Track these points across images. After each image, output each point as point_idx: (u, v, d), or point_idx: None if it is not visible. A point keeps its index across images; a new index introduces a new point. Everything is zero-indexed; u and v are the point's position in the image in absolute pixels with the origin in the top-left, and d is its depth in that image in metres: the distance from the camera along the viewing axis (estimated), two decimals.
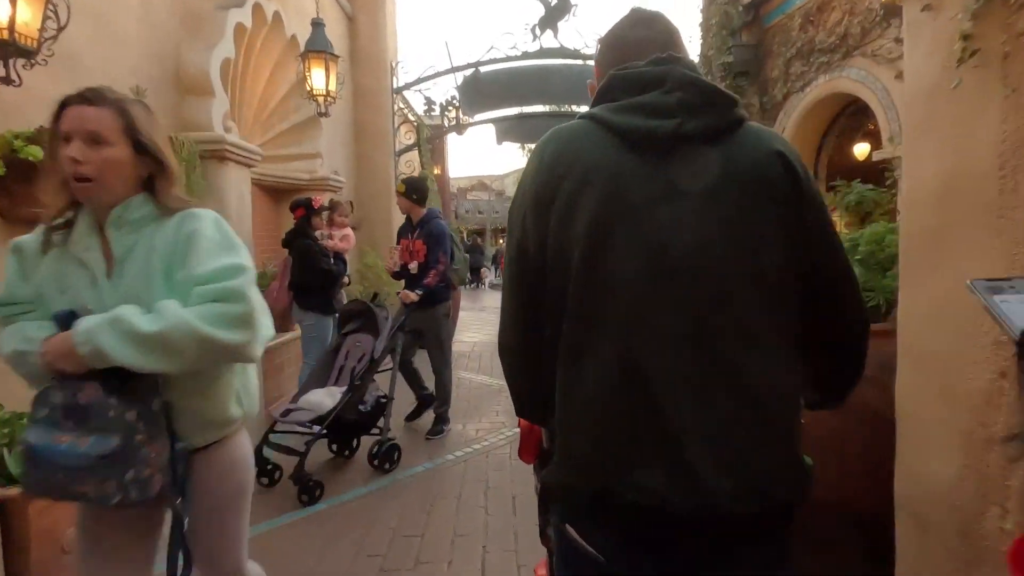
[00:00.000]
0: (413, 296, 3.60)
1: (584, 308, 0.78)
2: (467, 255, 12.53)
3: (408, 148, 7.43)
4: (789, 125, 6.24)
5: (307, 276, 3.69)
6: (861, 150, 6.24)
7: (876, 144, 5.37)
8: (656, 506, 0.73)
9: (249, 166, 3.67)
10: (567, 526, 0.83)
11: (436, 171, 14.31)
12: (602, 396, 0.76)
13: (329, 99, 4.32)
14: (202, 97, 3.35)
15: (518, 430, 1.25)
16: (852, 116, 6.09)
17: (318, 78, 4.21)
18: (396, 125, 7.28)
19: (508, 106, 7.27)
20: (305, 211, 3.76)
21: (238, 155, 3.47)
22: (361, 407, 3.18)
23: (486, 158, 43.58)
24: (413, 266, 3.77)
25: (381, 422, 3.25)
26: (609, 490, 0.75)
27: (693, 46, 7.66)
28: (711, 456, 0.72)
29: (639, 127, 0.79)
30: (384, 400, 3.32)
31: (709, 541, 0.75)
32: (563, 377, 0.81)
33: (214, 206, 1.38)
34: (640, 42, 0.88)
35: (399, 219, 8.26)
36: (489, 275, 19.20)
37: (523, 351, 0.89)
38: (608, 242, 0.77)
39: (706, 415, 0.73)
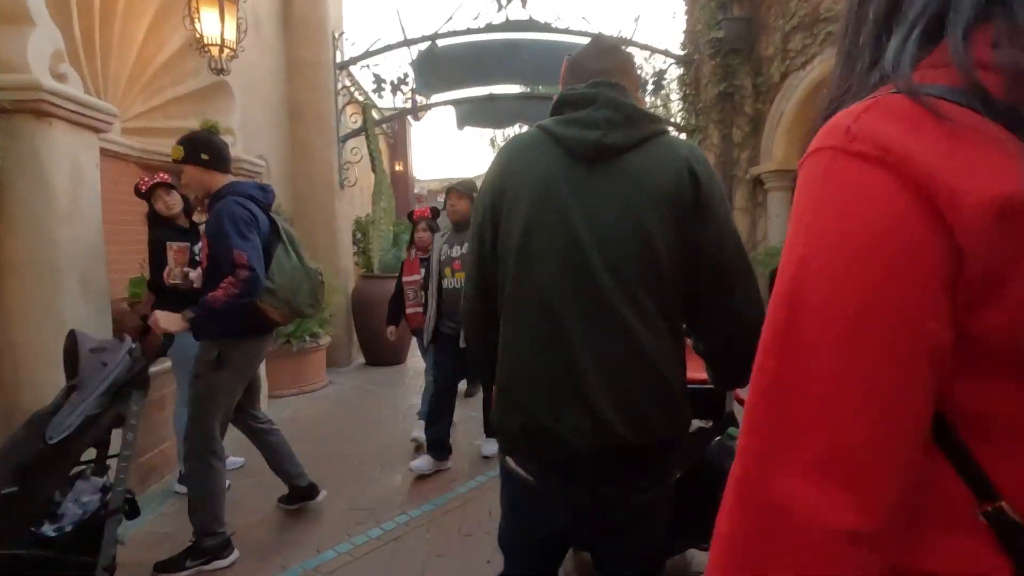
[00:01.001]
0: (172, 322, 2.10)
1: (518, 287, 1.02)
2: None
3: (355, 133, 6.43)
4: (788, 110, 5.49)
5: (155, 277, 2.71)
6: None
7: None
8: (569, 435, 0.96)
9: (96, 130, 2.65)
10: (506, 457, 1.09)
11: (398, 167, 13.31)
12: (532, 353, 1.01)
13: (227, 52, 3.32)
14: (13, 25, 2.33)
15: None
16: None
17: (210, 23, 3.21)
18: (340, 106, 6.28)
19: (470, 86, 6.34)
20: (137, 194, 2.78)
21: (72, 112, 2.45)
22: (47, 528, 1.64)
23: (458, 158, 42.61)
24: (195, 276, 2.54)
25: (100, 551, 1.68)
26: (537, 425, 0.99)
27: (679, 22, 6.91)
28: (609, 396, 0.95)
29: (573, 136, 1.00)
30: (106, 512, 1.72)
31: (605, 463, 0.97)
32: (504, 339, 1.06)
33: (22, 179, 0.65)
34: (596, 72, 1.07)
35: (347, 218, 7.30)
36: None
37: (480, 315, 1.14)
38: (537, 235, 1.00)
39: (606, 365, 0.96)
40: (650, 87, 6.63)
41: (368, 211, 7.18)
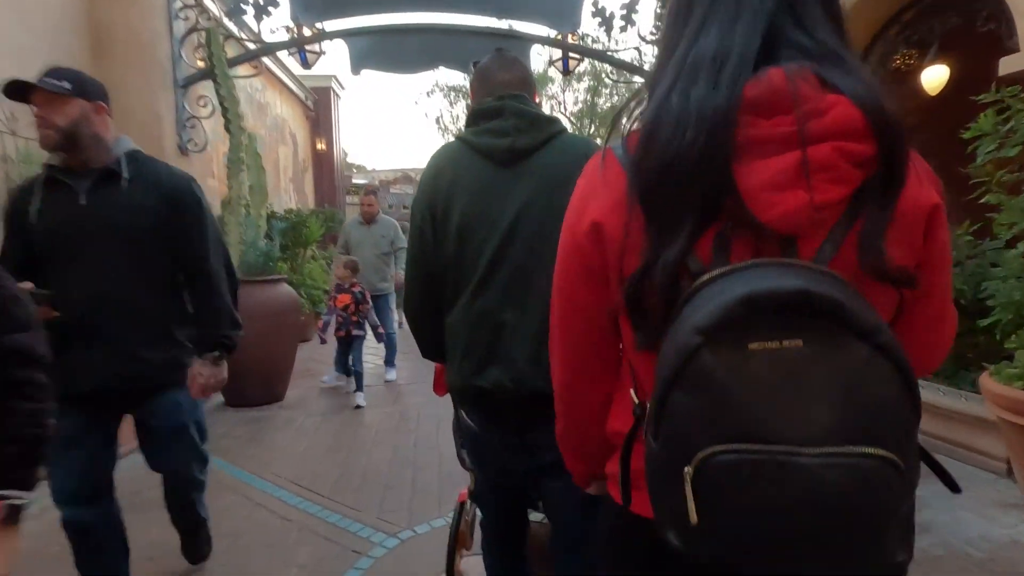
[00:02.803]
0: None
1: (457, 276, 1.22)
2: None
3: (201, 76, 4.50)
4: None
5: None
6: (935, 77, 4.03)
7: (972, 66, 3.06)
8: (498, 389, 1.17)
9: None
10: (460, 411, 1.33)
11: (319, 146, 11.31)
12: (470, 328, 1.21)
13: None
14: None
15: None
16: (918, 18, 3.90)
17: None
18: (180, 35, 4.36)
19: (370, 12, 4.53)
20: None
21: None
22: None
23: (416, 146, 40.36)
24: None
25: None
26: (468, 383, 1.21)
27: None
28: (526, 353, 1.15)
29: (489, 144, 1.22)
30: None
31: (527, 411, 1.15)
32: (448, 320, 1.25)
33: None
34: (500, 82, 1.29)
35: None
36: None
37: (423, 310, 1.31)
38: (470, 228, 1.19)
39: (526, 329, 1.16)
40: (618, 23, 4.95)
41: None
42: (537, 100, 1.32)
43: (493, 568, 1.45)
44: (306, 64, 4.81)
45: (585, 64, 18.36)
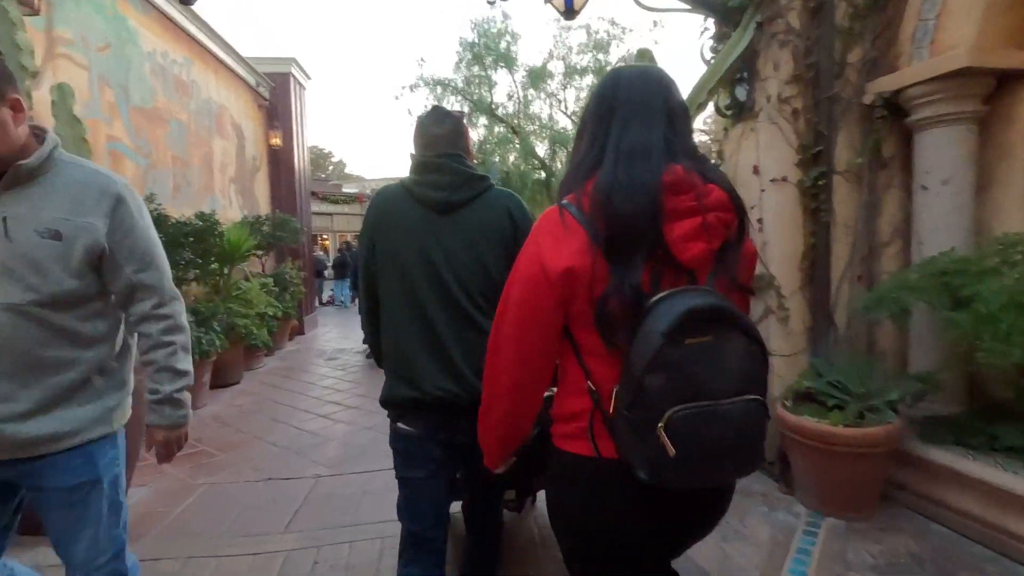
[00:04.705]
0: None
1: (401, 300, 1.45)
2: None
3: None
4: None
5: None
6: None
7: None
8: (448, 398, 1.41)
9: None
10: (397, 423, 1.52)
11: (273, 140, 9.64)
12: (414, 346, 1.44)
13: None
14: None
15: None
16: None
17: None
18: None
19: None
20: None
21: None
22: None
23: (398, 150, 38.81)
24: None
25: None
26: (425, 395, 1.43)
27: None
28: (469, 366, 1.41)
29: (428, 196, 1.45)
30: None
31: (469, 416, 1.23)
32: (392, 338, 1.48)
33: None
34: (436, 136, 1.51)
35: None
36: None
37: (370, 322, 1.57)
38: (409, 263, 1.44)
39: (464, 346, 1.42)
40: None
41: None
42: (471, 151, 1.59)
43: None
44: None
45: (586, 60, 16.92)
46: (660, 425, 0.82)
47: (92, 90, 4.71)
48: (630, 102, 0.98)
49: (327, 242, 19.38)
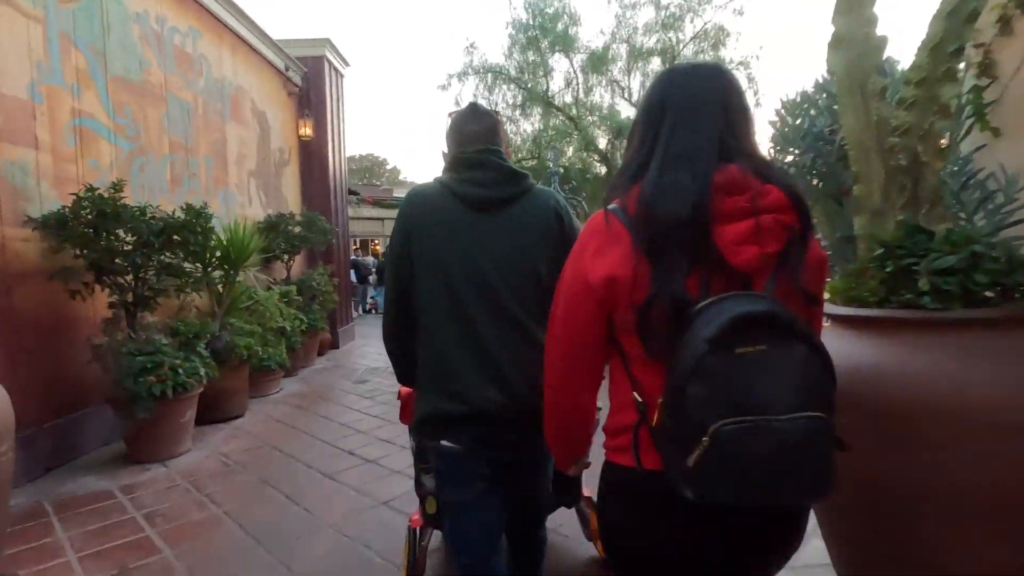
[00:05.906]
0: None
1: (443, 304, 1.36)
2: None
3: None
4: None
5: None
6: None
7: None
8: (496, 410, 1.32)
9: None
10: (441, 442, 1.39)
11: (303, 131, 8.69)
12: (457, 353, 1.35)
13: None
14: None
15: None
16: None
17: None
18: None
19: None
20: None
21: None
22: None
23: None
24: None
25: None
26: (469, 406, 1.33)
27: None
28: (518, 375, 1.33)
29: (469, 193, 1.38)
30: None
31: (521, 427, 1.30)
32: (432, 349, 1.38)
33: None
34: (473, 133, 1.45)
35: None
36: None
37: (399, 333, 1.46)
38: (447, 265, 1.35)
39: (511, 354, 1.34)
40: None
41: None
42: (506, 148, 1.51)
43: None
44: None
45: (653, 40, 15.30)
46: (704, 440, 0.77)
47: (50, 48, 3.72)
48: (681, 103, 0.97)
49: (378, 247, 18.62)
